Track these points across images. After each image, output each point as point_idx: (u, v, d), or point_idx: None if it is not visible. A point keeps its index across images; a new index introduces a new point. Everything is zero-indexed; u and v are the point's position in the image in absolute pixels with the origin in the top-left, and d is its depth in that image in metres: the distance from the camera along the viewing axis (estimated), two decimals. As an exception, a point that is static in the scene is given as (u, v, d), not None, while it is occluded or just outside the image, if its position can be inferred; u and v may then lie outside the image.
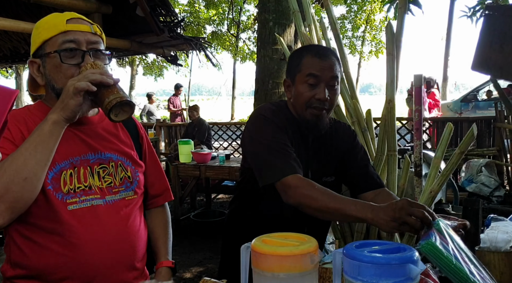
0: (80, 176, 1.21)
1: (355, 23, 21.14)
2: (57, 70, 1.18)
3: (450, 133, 1.68)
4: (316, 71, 1.45)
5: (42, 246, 1.16)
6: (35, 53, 1.21)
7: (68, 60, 1.17)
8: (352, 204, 1.25)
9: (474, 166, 5.53)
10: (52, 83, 1.20)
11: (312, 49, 1.52)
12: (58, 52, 1.16)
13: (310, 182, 1.36)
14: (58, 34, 1.17)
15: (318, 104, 1.46)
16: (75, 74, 1.17)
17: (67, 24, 1.18)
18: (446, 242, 1.11)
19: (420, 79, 1.98)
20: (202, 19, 19.47)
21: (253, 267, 1.09)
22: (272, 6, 4.08)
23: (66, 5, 3.29)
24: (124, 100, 1.12)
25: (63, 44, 1.17)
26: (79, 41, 1.18)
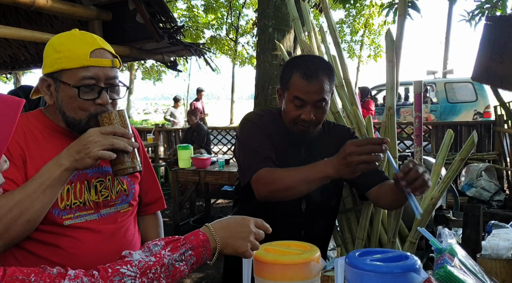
0: (76, 192, 1.21)
1: (353, 27, 21.21)
2: (71, 101, 1.18)
3: (451, 140, 1.69)
4: (302, 94, 1.45)
5: (39, 257, 1.16)
6: (50, 74, 1.19)
7: (85, 95, 1.17)
8: (312, 169, 1.33)
9: (474, 171, 5.54)
10: (63, 109, 1.20)
11: (301, 67, 1.48)
12: (77, 88, 1.16)
13: (274, 169, 1.43)
14: (80, 68, 1.16)
15: (303, 123, 1.49)
16: (89, 108, 1.18)
17: (90, 59, 1.16)
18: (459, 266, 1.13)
19: (420, 85, 1.99)
20: (201, 24, 19.51)
21: (256, 275, 1.09)
22: (272, 13, 4.09)
23: (66, 13, 3.30)
24: (136, 170, 1.16)
25: (83, 80, 1.16)
26: (98, 77, 1.18)
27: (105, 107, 1.20)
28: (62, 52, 1.17)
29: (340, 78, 2.09)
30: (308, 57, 1.61)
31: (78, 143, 1.08)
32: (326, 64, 1.56)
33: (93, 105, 1.18)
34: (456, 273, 1.09)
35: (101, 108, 1.19)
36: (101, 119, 1.15)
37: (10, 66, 5.02)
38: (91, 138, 1.07)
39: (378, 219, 1.82)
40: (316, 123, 1.51)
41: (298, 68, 1.49)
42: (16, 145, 1.16)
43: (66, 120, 1.20)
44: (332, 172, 1.28)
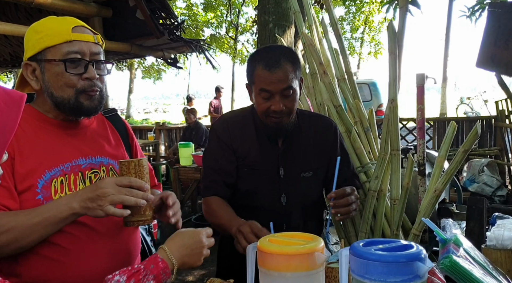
0: (71, 183, 1.19)
1: (353, 24, 21.18)
2: (58, 78, 1.16)
3: (454, 131, 1.68)
4: (267, 85, 1.46)
5: (37, 254, 1.13)
6: (32, 57, 1.18)
7: (72, 70, 1.16)
8: (227, 220, 1.49)
9: (475, 166, 5.53)
10: (51, 90, 1.18)
11: (262, 59, 1.48)
12: (64, 62, 1.15)
13: (217, 200, 1.58)
14: (63, 43, 1.15)
15: (274, 114, 1.49)
16: (77, 83, 1.17)
17: (73, 33, 1.16)
18: (464, 257, 1.12)
19: (422, 78, 1.98)
20: (201, 22, 19.50)
21: (260, 267, 1.08)
22: (272, 8, 4.08)
23: (66, 9, 3.30)
24: (147, 223, 1.18)
25: (68, 54, 1.15)
26: (83, 51, 1.17)
27: (92, 82, 1.19)
28: (43, 31, 1.17)
29: (342, 71, 2.08)
30: (269, 48, 1.60)
31: (92, 190, 1.06)
32: (288, 51, 1.55)
33: (80, 80, 1.17)
34: (462, 263, 1.08)
35: (88, 82, 1.18)
36: (120, 166, 1.14)
37: (10, 64, 5.01)
38: (106, 190, 1.05)
39: (381, 212, 1.82)
40: (288, 112, 1.50)
41: (259, 59, 1.49)
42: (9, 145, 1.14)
43: (55, 101, 1.18)
44: (233, 231, 1.42)
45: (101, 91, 1.23)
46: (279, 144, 1.60)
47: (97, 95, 1.21)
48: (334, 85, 2.06)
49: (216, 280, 1.13)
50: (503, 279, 1.18)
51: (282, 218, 1.58)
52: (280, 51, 1.52)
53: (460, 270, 1.06)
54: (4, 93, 0.74)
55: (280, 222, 1.57)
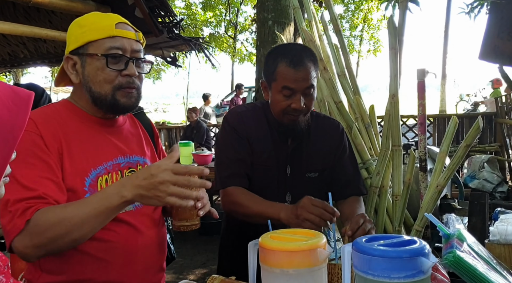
0: (114, 181, 1.19)
1: (352, 22, 21.15)
2: (98, 72, 1.16)
3: (455, 126, 1.67)
4: (291, 83, 1.44)
5: (81, 251, 1.12)
6: (74, 51, 1.18)
7: (113, 66, 1.16)
8: (270, 207, 1.41)
9: (476, 162, 5.52)
10: (89, 84, 1.17)
11: (286, 55, 1.47)
12: (106, 56, 1.14)
13: (242, 190, 1.51)
14: (106, 38, 1.15)
15: (294, 112, 1.47)
16: (115, 80, 1.16)
17: (116, 29, 1.16)
18: (468, 252, 1.11)
19: (423, 73, 1.96)
20: (199, 22, 19.48)
21: (261, 263, 1.07)
22: (271, 5, 4.06)
23: (64, 8, 3.28)
24: (198, 227, 1.18)
25: (110, 49, 1.15)
26: (125, 48, 1.16)
27: (131, 79, 1.18)
28: (86, 26, 1.17)
29: (342, 67, 2.07)
30: (290, 45, 1.61)
31: (146, 177, 0.99)
32: (309, 50, 1.55)
33: (119, 76, 1.17)
34: (466, 259, 1.07)
35: (127, 79, 1.18)
36: None
37: (9, 64, 5.00)
38: (163, 178, 0.98)
39: (383, 208, 1.81)
40: (306, 111, 1.50)
41: (283, 57, 1.47)
42: (52, 138, 1.12)
43: (93, 96, 1.18)
44: (282, 216, 1.35)
45: (139, 90, 1.22)
46: (288, 143, 1.59)
47: (134, 93, 1.20)
48: (335, 81, 2.05)
49: (217, 278, 1.12)
50: (507, 274, 1.17)
51: None
52: (302, 49, 1.53)
53: (464, 265, 1.05)
54: (12, 92, 0.73)
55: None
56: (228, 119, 1.62)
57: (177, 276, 3.75)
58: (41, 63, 4.81)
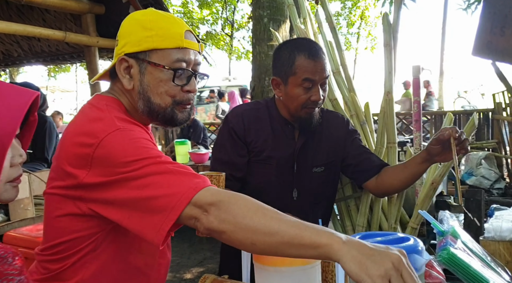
0: None
1: (349, 19, 21.15)
2: (160, 84, 1.07)
3: (451, 122, 1.66)
4: (312, 75, 1.45)
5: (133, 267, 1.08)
6: (133, 54, 1.06)
7: (177, 80, 1.08)
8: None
9: (473, 159, 5.52)
10: (148, 94, 1.08)
11: (303, 48, 1.47)
12: (174, 71, 1.06)
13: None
14: (175, 48, 1.06)
15: (313, 105, 1.49)
16: (177, 94, 1.08)
17: (185, 40, 1.07)
18: (462, 249, 1.11)
19: (418, 70, 1.96)
20: (196, 19, 19.43)
21: (255, 262, 1.06)
22: (266, 2, 4.05)
23: (58, 6, 3.26)
24: None
25: (177, 62, 1.06)
26: (189, 61, 1.08)
27: (191, 95, 1.11)
28: (154, 30, 1.05)
29: (337, 64, 2.06)
30: (301, 40, 1.62)
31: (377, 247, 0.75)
32: (317, 43, 1.58)
33: (180, 91, 1.09)
34: (460, 255, 1.07)
35: (187, 96, 1.10)
36: (209, 179, 1.07)
37: (3, 63, 4.97)
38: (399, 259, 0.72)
39: (379, 206, 1.80)
40: (321, 102, 1.52)
41: (299, 50, 1.47)
42: None
43: (150, 107, 1.08)
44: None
45: (193, 103, 1.16)
46: (296, 139, 1.58)
47: (189, 107, 1.14)
48: (330, 78, 2.03)
49: (210, 276, 1.11)
50: (501, 270, 1.17)
51: (292, 213, 1.56)
52: (313, 42, 1.56)
53: (458, 262, 1.05)
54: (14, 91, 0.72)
55: None
56: (229, 118, 1.61)
57: (174, 275, 3.74)
58: (36, 62, 4.78)
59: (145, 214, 0.89)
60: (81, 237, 1.02)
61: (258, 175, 1.58)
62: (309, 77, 1.45)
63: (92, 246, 1.03)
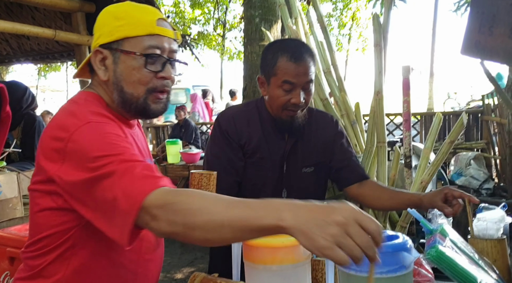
0: None
1: (341, 21, 21.24)
2: (133, 72, 1.06)
3: (440, 123, 1.68)
4: (292, 78, 1.44)
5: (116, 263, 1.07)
6: (106, 45, 1.06)
7: (150, 66, 1.06)
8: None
9: (463, 160, 5.57)
10: (121, 84, 1.07)
11: (287, 50, 1.46)
12: (145, 57, 1.05)
13: None
14: (146, 35, 1.05)
15: (293, 107, 1.47)
16: (150, 82, 1.07)
17: (157, 27, 1.06)
18: (450, 247, 1.12)
19: (408, 70, 1.97)
20: (188, 19, 19.37)
21: (245, 260, 1.06)
22: (258, 2, 4.05)
23: (48, 4, 3.23)
24: None
25: (149, 48, 1.05)
26: (163, 47, 1.07)
27: (166, 82, 1.09)
28: (125, 19, 1.06)
29: (328, 63, 2.07)
30: (289, 41, 1.61)
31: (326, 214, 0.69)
32: (307, 45, 1.56)
33: (154, 78, 1.07)
34: (448, 253, 1.08)
35: (162, 82, 1.08)
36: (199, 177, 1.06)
37: (-7, 61, 4.91)
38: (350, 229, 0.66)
39: (369, 205, 1.81)
40: (304, 106, 1.50)
41: (283, 51, 1.46)
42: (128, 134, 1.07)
43: (123, 97, 1.08)
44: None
45: (169, 94, 1.13)
46: (286, 140, 1.58)
47: (164, 99, 1.12)
48: (320, 78, 2.05)
49: (199, 275, 1.11)
50: (489, 269, 1.18)
51: None
52: (301, 44, 1.53)
53: (446, 260, 1.06)
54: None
55: None
56: (220, 122, 1.60)
57: (165, 275, 3.72)
58: (25, 60, 4.72)
59: (108, 215, 0.88)
60: (58, 232, 1.01)
61: (250, 176, 1.57)
62: (288, 79, 1.44)
63: (70, 242, 1.02)
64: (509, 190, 4.96)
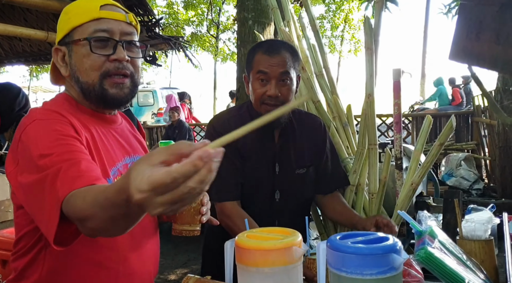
0: None
1: (333, 22, 21.32)
2: (84, 60, 1.04)
3: (430, 125, 1.70)
4: (265, 68, 1.48)
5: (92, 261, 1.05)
6: (62, 41, 1.08)
7: (98, 50, 1.03)
8: None
9: (453, 160, 5.64)
10: (77, 74, 1.06)
11: (263, 45, 1.54)
12: (89, 40, 1.02)
13: (238, 212, 1.50)
14: (90, 21, 1.03)
15: (269, 100, 1.49)
16: (102, 66, 1.04)
17: (101, 11, 1.04)
18: (439, 248, 1.14)
19: (398, 73, 2.00)
20: (181, 21, 19.35)
21: (238, 263, 1.07)
22: (251, 5, 4.06)
23: (40, 6, 3.20)
24: (199, 234, 1.13)
25: (95, 32, 1.03)
26: (112, 30, 1.04)
27: (121, 64, 1.06)
28: (71, 11, 1.07)
29: (320, 66, 2.09)
30: (270, 40, 1.66)
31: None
32: (290, 45, 1.60)
33: (106, 62, 1.05)
34: (437, 255, 1.10)
35: (115, 65, 1.05)
36: None
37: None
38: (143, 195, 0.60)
39: (360, 206, 1.83)
40: (282, 101, 1.49)
41: (260, 47, 1.54)
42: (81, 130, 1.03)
43: (81, 88, 1.06)
44: None
45: (133, 78, 1.09)
46: (276, 140, 1.60)
47: (126, 83, 1.08)
48: (313, 81, 2.06)
49: (192, 277, 1.12)
50: (476, 269, 1.20)
51: (275, 214, 1.60)
52: (282, 43, 1.60)
53: (435, 261, 1.08)
54: None
55: (273, 218, 1.59)
56: (214, 126, 1.60)
57: (158, 276, 3.72)
58: (17, 62, 4.69)
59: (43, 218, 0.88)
60: (29, 231, 1.02)
61: (245, 178, 1.58)
62: (262, 69, 1.48)
63: (43, 242, 1.02)
64: (498, 191, 5.02)
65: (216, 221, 1.26)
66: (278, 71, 1.47)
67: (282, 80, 1.48)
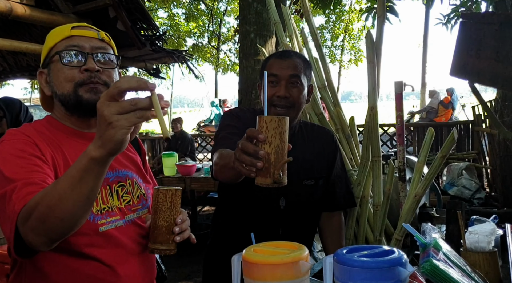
0: (103, 196, 1.15)
1: (334, 32, 21.45)
2: (59, 74, 1.13)
3: (432, 137, 1.72)
4: (276, 70, 1.51)
5: (77, 271, 1.08)
6: (43, 63, 1.18)
7: (69, 63, 1.12)
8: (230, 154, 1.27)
9: (455, 170, 5.64)
10: (55, 89, 1.14)
11: (277, 53, 1.62)
12: (59, 53, 1.11)
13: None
14: (62, 39, 1.13)
15: (279, 101, 1.50)
16: (76, 77, 1.11)
17: (72, 30, 1.14)
18: (444, 260, 1.15)
19: (401, 85, 2.03)
20: (183, 32, 19.49)
21: (245, 277, 1.08)
22: (253, 18, 4.12)
23: (45, 21, 3.26)
24: (174, 253, 1.13)
25: (66, 48, 1.12)
26: (83, 46, 1.13)
27: (92, 74, 1.12)
28: (49, 36, 1.17)
29: (323, 79, 2.12)
30: (285, 50, 1.72)
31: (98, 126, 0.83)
32: (302, 55, 1.67)
33: (78, 73, 1.12)
34: (442, 267, 1.11)
35: (88, 74, 1.12)
36: (156, 193, 1.09)
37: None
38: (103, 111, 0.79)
39: (365, 218, 1.84)
40: (292, 103, 1.51)
41: (274, 54, 1.60)
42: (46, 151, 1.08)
43: (60, 100, 1.15)
44: None
45: (108, 86, 1.14)
46: None
47: (100, 88, 1.13)
48: (315, 93, 2.09)
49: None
50: (481, 281, 1.22)
51: (279, 222, 1.59)
52: (295, 52, 1.68)
53: (440, 274, 1.09)
54: None
55: (277, 226, 1.59)
56: (230, 111, 1.67)
57: (162, 289, 3.71)
58: (21, 76, 4.74)
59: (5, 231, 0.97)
60: None
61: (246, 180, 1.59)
62: (272, 72, 1.51)
63: None
64: (500, 200, 5.02)
65: (194, 239, 1.22)
66: (288, 73, 1.50)
67: (292, 82, 1.50)
